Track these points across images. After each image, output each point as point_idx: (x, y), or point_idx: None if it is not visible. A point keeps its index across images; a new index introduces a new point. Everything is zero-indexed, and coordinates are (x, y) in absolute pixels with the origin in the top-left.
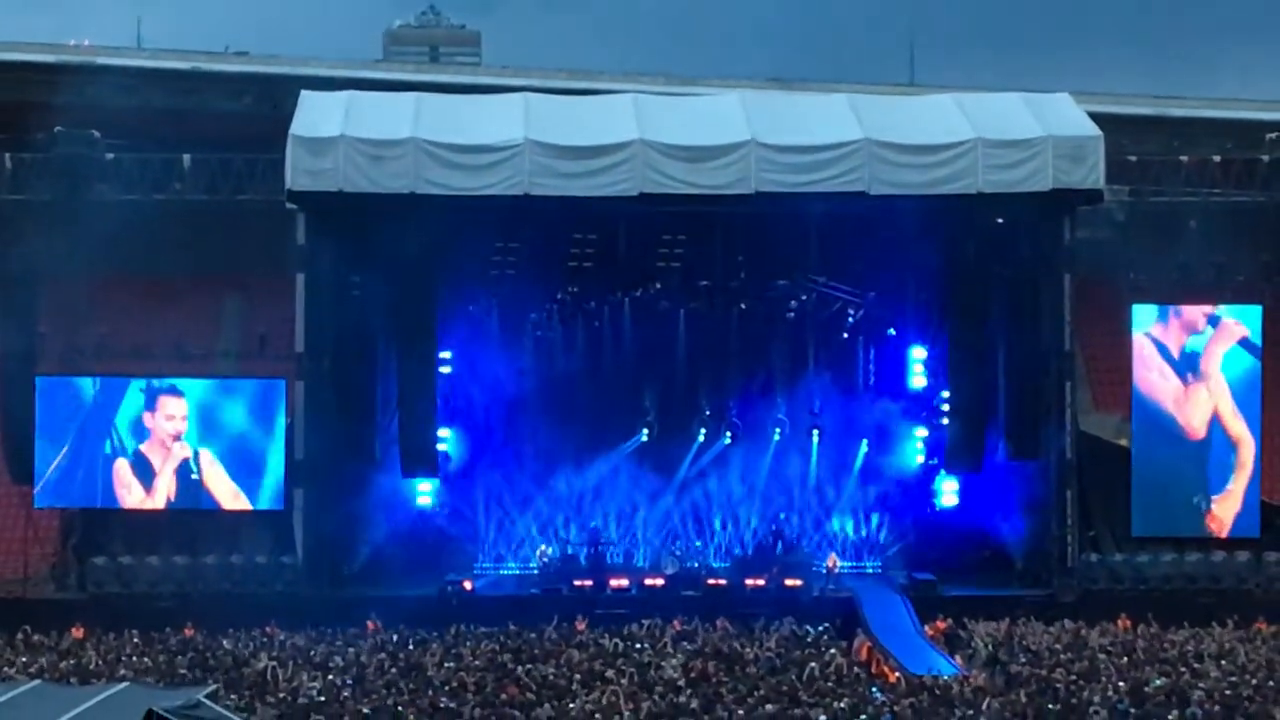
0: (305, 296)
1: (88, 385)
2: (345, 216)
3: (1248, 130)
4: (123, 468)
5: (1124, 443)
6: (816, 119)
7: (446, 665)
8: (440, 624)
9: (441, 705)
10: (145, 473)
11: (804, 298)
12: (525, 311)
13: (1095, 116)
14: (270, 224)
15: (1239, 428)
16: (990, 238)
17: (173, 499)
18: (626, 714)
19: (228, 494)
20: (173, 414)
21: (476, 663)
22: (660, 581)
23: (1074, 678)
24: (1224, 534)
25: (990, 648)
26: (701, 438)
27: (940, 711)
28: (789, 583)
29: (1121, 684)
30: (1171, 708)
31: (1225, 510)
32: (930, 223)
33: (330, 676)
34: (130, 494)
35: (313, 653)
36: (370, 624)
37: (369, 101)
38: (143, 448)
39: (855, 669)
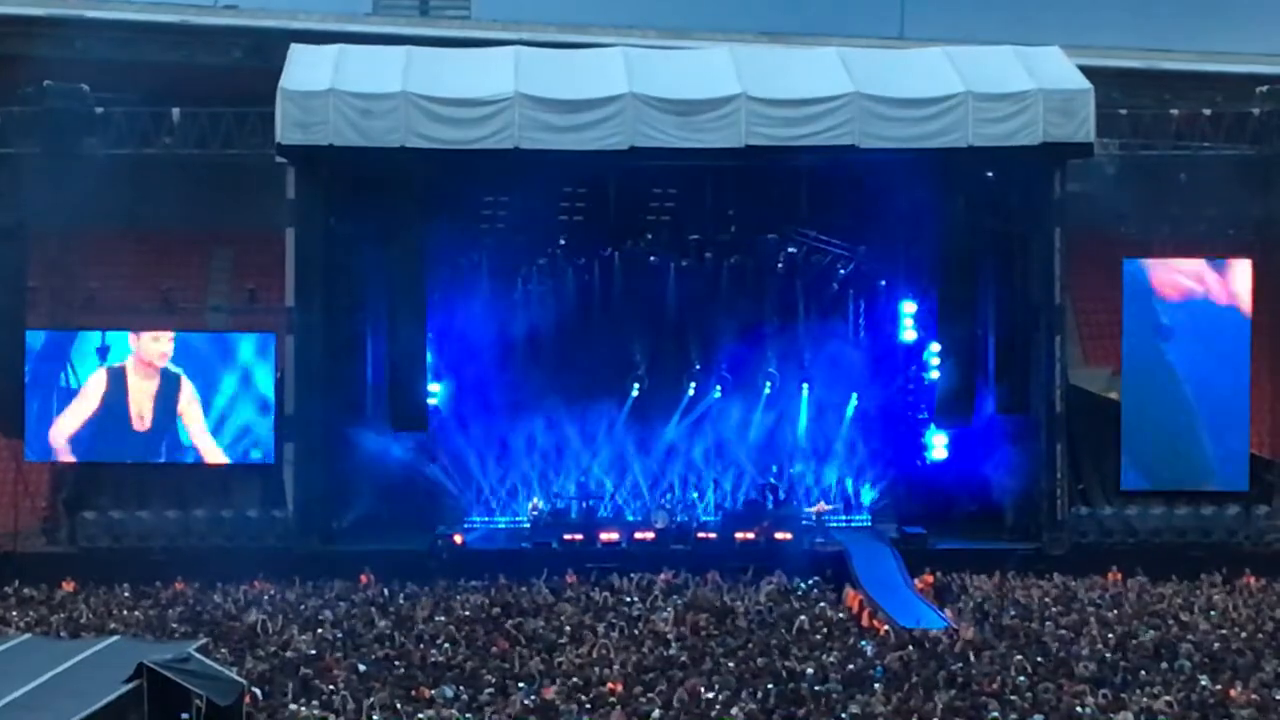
0: (295, 250)
1: (78, 338)
2: (335, 170)
3: (1238, 83)
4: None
5: (1114, 396)
6: (807, 72)
7: (436, 619)
8: (430, 578)
9: (431, 659)
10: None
11: (794, 251)
12: (515, 265)
13: (1086, 70)
14: (260, 178)
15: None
16: (980, 191)
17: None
18: (616, 667)
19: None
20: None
21: (466, 616)
22: (651, 535)
23: (1063, 631)
24: None
25: (980, 601)
26: (692, 391)
27: (930, 664)
28: (779, 536)
29: (1111, 637)
30: (1160, 660)
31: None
32: (920, 176)
33: (320, 630)
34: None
35: (303, 607)
36: (364, 577)
37: (359, 55)
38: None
39: (845, 622)
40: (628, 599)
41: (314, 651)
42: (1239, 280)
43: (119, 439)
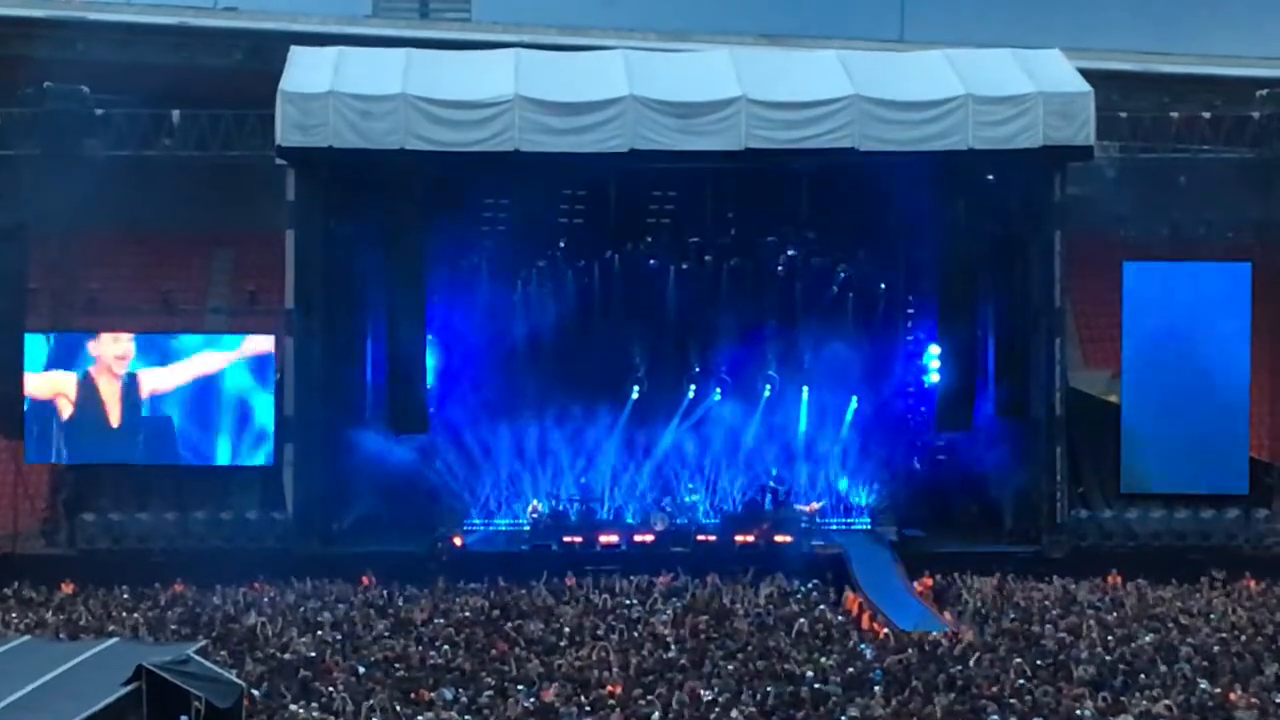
0: (295, 252)
1: (78, 340)
2: (335, 172)
3: (1238, 87)
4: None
5: (1114, 399)
6: (807, 75)
7: (436, 621)
8: (430, 580)
9: (431, 661)
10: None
11: (794, 254)
12: (515, 267)
13: (1086, 73)
14: (260, 180)
15: None
16: (980, 194)
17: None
18: (616, 670)
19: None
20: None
21: (466, 618)
22: (650, 538)
23: (1063, 634)
24: None
25: (979, 604)
26: (691, 394)
27: (929, 667)
28: (778, 539)
29: (1110, 640)
30: (1160, 664)
31: None
32: (920, 179)
33: (320, 633)
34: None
35: (302, 609)
36: (366, 579)
37: (359, 57)
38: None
39: (845, 625)
40: (627, 601)
41: (313, 654)
42: (1239, 283)
43: (98, 440)
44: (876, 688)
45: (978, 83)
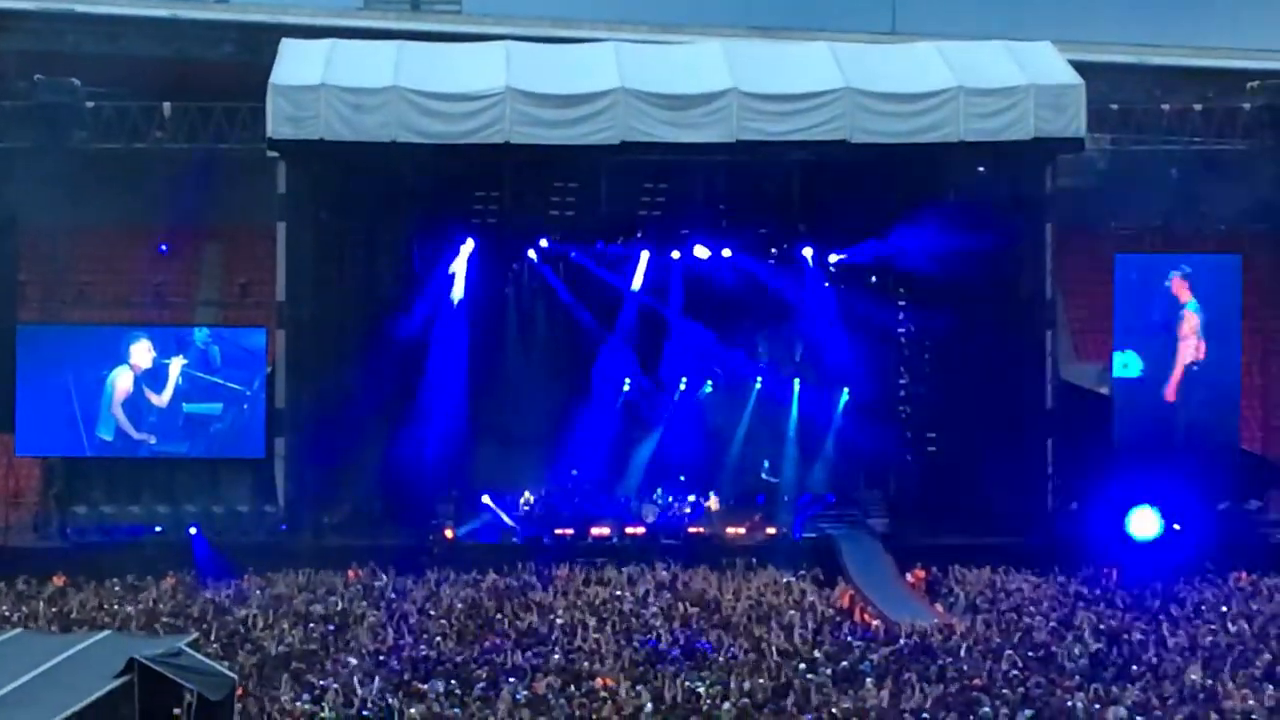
0: (286, 245)
1: (69, 333)
2: (326, 165)
3: (1229, 78)
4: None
5: (1104, 391)
6: (798, 67)
7: (428, 613)
8: (421, 572)
9: (422, 653)
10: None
11: (785, 245)
12: (506, 259)
13: (1077, 65)
14: (251, 172)
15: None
16: (971, 186)
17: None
18: (608, 661)
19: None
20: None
21: (457, 610)
22: (641, 530)
23: (1054, 625)
24: None
25: (971, 595)
26: (683, 385)
27: (920, 659)
28: (769, 530)
29: (1101, 631)
30: (1151, 655)
31: None
32: (911, 171)
33: (311, 625)
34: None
35: (294, 601)
36: (352, 572)
37: (350, 50)
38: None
39: (836, 616)
40: (619, 593)
41: (305, 646)
42: (1230, 275)
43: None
44: (868, 679)
45: (969, 75)
